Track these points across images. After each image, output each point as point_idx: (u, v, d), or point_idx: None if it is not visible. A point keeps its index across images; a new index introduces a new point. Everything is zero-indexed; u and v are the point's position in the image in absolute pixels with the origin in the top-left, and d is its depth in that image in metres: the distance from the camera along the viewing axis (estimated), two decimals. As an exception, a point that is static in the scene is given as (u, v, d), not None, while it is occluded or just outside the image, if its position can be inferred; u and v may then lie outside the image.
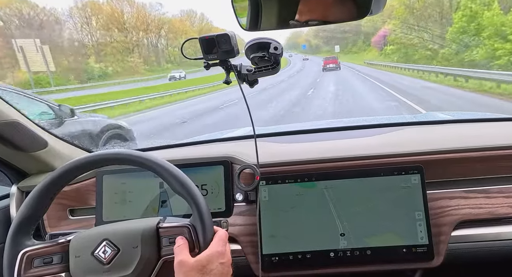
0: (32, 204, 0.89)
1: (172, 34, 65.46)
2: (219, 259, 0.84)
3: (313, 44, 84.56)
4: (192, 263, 0.81)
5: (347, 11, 1.00)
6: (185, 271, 0.81)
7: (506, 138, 1.25)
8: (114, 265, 0.84)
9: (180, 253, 0.83)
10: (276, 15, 1.07)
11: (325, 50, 70.15)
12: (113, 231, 0.88)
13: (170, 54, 59.35)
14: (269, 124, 6.80)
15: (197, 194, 0.89)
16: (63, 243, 0.88)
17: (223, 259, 0.84)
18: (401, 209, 1.17)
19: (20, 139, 1.27)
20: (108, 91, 24.29)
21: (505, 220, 1.18)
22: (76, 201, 1.37)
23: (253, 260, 1.21)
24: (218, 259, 0.83)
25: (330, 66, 30.99)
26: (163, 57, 58.29)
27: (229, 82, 1.14)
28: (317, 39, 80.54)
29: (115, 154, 0.93)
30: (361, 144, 1.35)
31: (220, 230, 0.90)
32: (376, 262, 1.16)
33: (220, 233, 0.89)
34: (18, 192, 1.37)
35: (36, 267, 0.85)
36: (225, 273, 0.84)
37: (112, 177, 1.32)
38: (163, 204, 1.29)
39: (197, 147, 1.63)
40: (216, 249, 0.85)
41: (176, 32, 66.17)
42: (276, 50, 1.09)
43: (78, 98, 17.69)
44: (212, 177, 1.30)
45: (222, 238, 0.88)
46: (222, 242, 0.87)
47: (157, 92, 19.59)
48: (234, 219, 1.25)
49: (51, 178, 0.90)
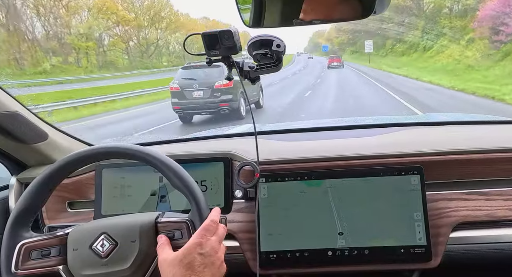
0: (31, 196, 0.89)
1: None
2: (197, 250, 0.80)
3: (335, 43, 74.40)
4: (170, 258, 0.80)
5: (351, 11, 1.00)
6: (165, 268, 0.80)
7: (507, 140, 1.25)
8: (112, 259, 0.85)
9: (162, 251, 0.83)
10: (279, 13, 1.06)
11: (351, 50, 59.72)
12: (111, 225, 0.89)
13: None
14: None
15: (196, 190, 0.89)
16: (61, 236, 0.88)
17: (202, 249, 0.80)
18: (400, 210, 1.17)
19: (20, 131, 1.27)
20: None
21: (504, 223, 1.18)
22: (75, 194, 1.37)
23: (251, 257, 1.21)
24: (195, 250, 0.80)
25: (334, 64, 33.68)
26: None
27: (231, 78, 1.14)
28: (342, 36, 66.76)
29: (115, 148, 0.93)
30: (361, 144, 1.35)
31: (206, 220, 0.86)
32: (374, 262, 1.16)
33: (205, 223, 0.85)
34: (17, 184, 1.37)
35: (34, 259, 0.86)
36: (208, 263, 0.80)
37: (112, 171, 1.31)
38: (162, 199, 1.29)
39: (198, 142, 1.63)
40: (194, 241, 0.81)
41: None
42: (278, 48, 1.09)
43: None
44: (212, 173, 1.30)
45: (204, 228, 0.84)
46: (203, 232, 0.83)
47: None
48: (232, 215, 1.25)
49: (50, 171, 0.90)
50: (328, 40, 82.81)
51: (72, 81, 28.02)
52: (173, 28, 58.24)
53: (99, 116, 12.85)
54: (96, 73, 38.50)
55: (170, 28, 57.64)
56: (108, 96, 16.52)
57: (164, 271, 0.80)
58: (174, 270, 0.78)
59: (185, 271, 0.78)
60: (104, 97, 16.10)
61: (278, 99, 13.28)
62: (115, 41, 50.07)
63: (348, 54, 60.08)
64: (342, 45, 68.50)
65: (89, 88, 20.62)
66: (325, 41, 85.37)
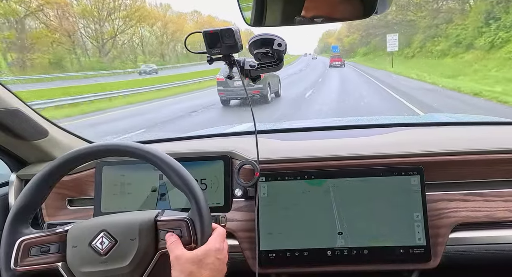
0: (31, 192, 0.89)
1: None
2: (217, 254, 0.84)
3: (345, 43, 67.09)
4: (188, 256, 0.82)
5: (353, 9, 1.00)
6: (182, 264, 0.81)
7: (507, 142, 1.25)
8: (111, 256, 0.85)
9: (176, 249, 0.84)
10: (281, 11, 1.06)
11: (363, 52, 49.80)
12: (111, 222, 0.89)
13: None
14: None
15: (196, 188, 0.89)
16: (60, 233, 0.88)
17: (220, 255, 0.85)
18: (399, 210, 1.17)
19: (21, 128, 1.27)
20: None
21: (503, 224, 1.18)
22: (75, 191, 1.37)
23: (250, 255, 1.21)
24: (215, 254, 0.84)
25: (335, 63, 34.70)
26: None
27: (232, 77, 1.14)
28: (353, 35, 58.59)
29: (115, 145, 0.93)
30: (361, 144, 1.34)
31: (219, 227, 0.91)
32: (373, 262, 1.16)
33: (219, 230, 0.90)
34: (17, 181, 1.37)
35: (33, 256, 0.86)
36: (220, 269, 0.85)
37: (112, 169, 1.32)
38: (162, 197, 1.29)
39: (198, 141, 1.63)
40: (214, 245, 0.85)
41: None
42: (279, 47, 1.09)
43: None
44: (212, 171, 1.30)
45: (221, 234, 0.89)
46: (220, 239, 0.88)
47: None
48: (232, 214, 1.25)
49: (50, 168, 0.90)
50: (339, 39, 76.27)
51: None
52: (139, 19, 47.95)
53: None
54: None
55: (133, 19, 45.39)
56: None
57: (179, 266, 0.81)
58: (192, 267, 0.81)
59: (204, 271, 0.81)
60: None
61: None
62: (41, 33, 36.41)
63: (360, 56, 50.57)
64: (353, 45, 59.99)
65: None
66: (336, 41, 78.87)
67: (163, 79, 25.74)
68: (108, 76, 31.93)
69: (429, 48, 25.48)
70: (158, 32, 53.93)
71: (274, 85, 13.38)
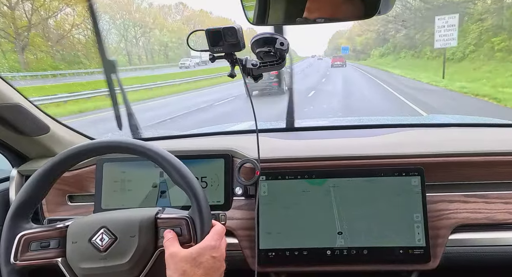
0: (32, 188, 0.89)
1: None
2: (212, 252, 0.83)
3: (358, 43, 57.59)
4: (182, 254, 0.82)
5: (356, 10, 1.00)
6: (176, 262, 0.81)
7: (508, 144, 1.25)
8: (110, 253, 0.85)
9: (171, 246, 0.84)
10: (283, 11, 1.06)
11: (379, 52, 39.77)
12: (111, 219, 0.89)
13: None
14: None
15: (196, 186, 0.89)
16: (61, 228, 0.88)
17: (216, 253, 0.84)
18: (400, 210, 1.17)
19: (22, 123, 1.27)
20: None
21: (503, 226, 1.18)
22: (76, 187, 1.37)
23: (250, 254, 1.21)
24: (210, 252, 0.83)
25: (337, 63, 35.97)
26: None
27: (234, 75, 1.14)
28: (367, 34, 48.70)
29: (117, 142, 0.93)
30: (362, 144, 1.34)
31: (218, 224, 0.90)
32: (372, 262, 1.16)
33: (217, 227, 0.89)
34: (18, 176, 1.37)
35: (33, 251, 0.86)
36: (217, 267, 0.84)
37: (113, 165, 1.32)
38: (162, 195, 1.29)
39: (199, 139, 1.63)
40: (209, 243, 0.85)
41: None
42: (282, 46, 1.08)
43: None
44: (213, 170, 1.30)
45: (218, 232, 0.88)
46: (217, 236, 0.87)
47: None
48: (232, 212, 1.25)
49: (51, 163, 0.90)
50: (350, 39, 67.36)
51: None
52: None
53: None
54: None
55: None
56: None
57: (173, 265, 0.81)
58: (186, 266, 0.80)
59: (197, 270, 0.80)
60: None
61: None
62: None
63: (375, 57, 40.89)
64: (367, 46, 49.48)
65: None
66: (346, 41, 70.54)
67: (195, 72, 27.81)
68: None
69: (488, 45, 14.79)
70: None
71: (288, 81, 14.93)
